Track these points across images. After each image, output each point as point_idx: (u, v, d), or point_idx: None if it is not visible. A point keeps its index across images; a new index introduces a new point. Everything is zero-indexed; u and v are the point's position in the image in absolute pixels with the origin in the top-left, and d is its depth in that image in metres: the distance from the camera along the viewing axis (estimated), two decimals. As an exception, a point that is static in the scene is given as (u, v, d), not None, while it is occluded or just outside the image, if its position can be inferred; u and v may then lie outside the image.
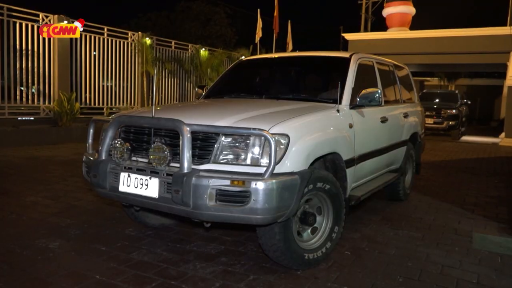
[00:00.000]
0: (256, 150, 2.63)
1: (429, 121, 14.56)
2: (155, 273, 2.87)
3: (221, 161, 2.66)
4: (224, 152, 2.67)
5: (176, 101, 14.74)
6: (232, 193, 2.52)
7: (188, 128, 2.64)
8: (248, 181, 2.50)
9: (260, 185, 2.48)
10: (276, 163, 2.56)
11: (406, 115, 4.98)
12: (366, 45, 16.32)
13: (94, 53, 12.34)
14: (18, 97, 10.47)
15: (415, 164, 5.58)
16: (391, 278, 2.96)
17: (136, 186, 2.83)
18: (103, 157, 3.02)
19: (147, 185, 2.78)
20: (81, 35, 11.78)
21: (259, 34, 16.90)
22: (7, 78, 10.11)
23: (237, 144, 2.67)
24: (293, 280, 2.85)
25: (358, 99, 3.59)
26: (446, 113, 14.76)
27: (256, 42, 17.00)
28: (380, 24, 19.26)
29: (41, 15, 10.73)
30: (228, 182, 2.52)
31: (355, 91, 3.67)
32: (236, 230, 3.82)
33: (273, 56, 4.91)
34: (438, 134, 15.60)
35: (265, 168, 2.54)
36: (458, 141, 14.66)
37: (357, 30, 20.90)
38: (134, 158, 2.98)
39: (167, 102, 14.51)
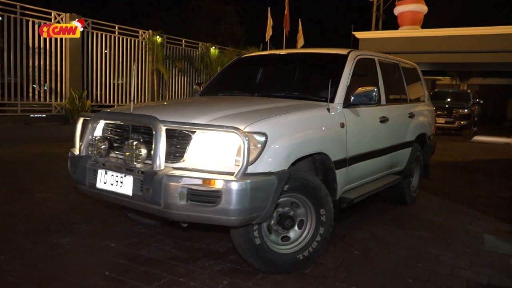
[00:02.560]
0: (230, 148, 2.54)
1: (441, 120, 14.42)
2: (164, 270, 2.89)
3: (196, 160, 2.60)
4: (198, 150, 2.60)
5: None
6: (203, 193, 2.44)
7: (161, 125, 2.59)
8: (219, 180, 2.41)
9: (231, 185, 2.39)
10: (252, 162, 2.50)
11: (411, 115, 4.81)
12: (377, 43, 16.19)
13: (105, 51, 12.44)
14: (30, 95, 10.60)
15: (424, 166, 5.36)
16: (400, 278, 2.94)
17: (112, 183, 2.78)
18: (83, 154, 3.00)
19: (122, 182, 2.73)
20: (92, 33, 11.89)
21: (269, 32, 16.86)
22: (19, 76, 10.23)
23: (211, 142, 2.59)
24: (301, 279, 2.84)
25: (352, 98, 3.45)
26: (457, 112, 14.60)
27: (266, 40, 16.98)
28: (391, 23, 19.10)
29: (53, 13, 10.84)
30: (200, 181, 2.45)
31: (352, 90, 3.51)
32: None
33: (271, 54, 4.82)
34: (449, 134, 15.43)
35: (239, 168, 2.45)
36: (469, 141, 14.50)
37: (368, 28, 20.76)
38: (113, 155, 2.93)
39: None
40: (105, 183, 2.83)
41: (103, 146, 2.88)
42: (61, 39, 11.00)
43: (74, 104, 10.62)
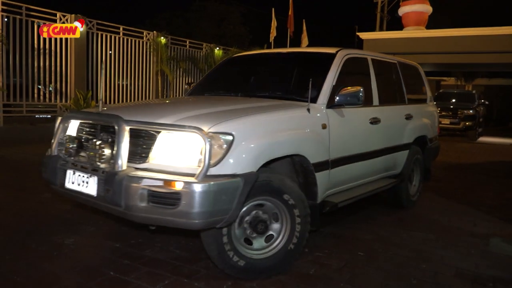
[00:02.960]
0: (194, 149, 2.46)
1: (445, 121, 14.36)
2: (168, 271, 2.89)
3: (160, 160, 2.53)
4: (163, 151, 2.54)
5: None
6: (163, 195, 2.36)
7: (124, 125, 2.55)
8: (179, 182, 2.34)
9: (190, 187, 2.31)
10: (216, 163, 2.43)
11: (409, 117, 4.64)
12: (381, 44, 16.16)
13: (110, 52, 12.49)
14: (35, 95, 10.66)
15: (424, 170, 5.18)
16: (404, 279, 2.93)
17: (79, 183, 2.73)
18: (54, 153, 2.98)
19: (87, 183, 2.68)
20: (97, 34, 11.93)
21: (273, 33, 16.86)
22: (25, 77, 10.29)
23: (175, 143, 2.52)
24: (305, 280, 2.84)
25: (336, 98, 3.33)
26: (462, 113, 14.54)
27: (270, 41, 16.98)
28: (396, 23, 19.05)
29: (58, 14, 10.90)
30: (160, 183, 2.37)
31: (338, 90, 3.38)
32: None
33: (259, 53, 4.71)
34: (454, 135, 15.37)
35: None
36: (475, 142, 14.43)
37: (372, 29, 20.71)
38: (83, 155, 2.86)
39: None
40: (73, 183, 2.78)
41: (71, 146, 2.84)
42: (66, 40, 11.05)
43: (79, 104, 10.66)
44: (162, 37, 13.54)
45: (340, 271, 3.02)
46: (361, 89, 3.28)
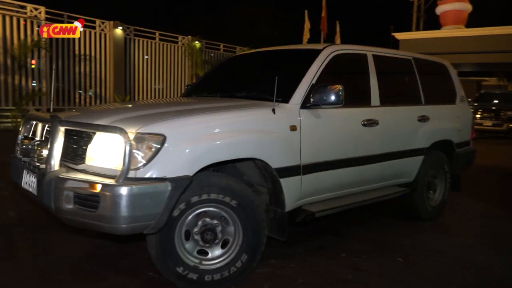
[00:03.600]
0: (119, 151, 2.34)
1: (487, 123, 13.84)
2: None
3: (94, 161, 2.48)
4: (96, 152, 2.48)
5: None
6: (86, 197, 2.29)
7: (59, 125, 2.54)
8: (99, 184, 2.26)
9: (107, 190, 2.22)
10: (143, 165, 2.31)
11: (423, 119, 4.15)
12: (418, 44, 15.78)
13: (146, 57, 12.81)
14: (76, 100, 11.06)
15: (452, 178, 4.63)
16: (446, 287, 2.84)
17: (29, 183, 2.71)
18: (16, 154, 3.01)
19: (33, 182, 2.64)
20: (134, 40, 12.26)
21: (306, 35, 16.80)
22: (67, 83, 10.71)
23: (106, 144, 2.45)
24: (342, 285, 2.80)
25: (311, 98, 3.06)
26: (506, 114, 13.95)
27: (303, 43, 16.93)
28: (433, 23, 18.55)
29: (97, 21, 11.29)
30: (86, 185, 2.30)
31: (314, 89, 3.10)
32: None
33: (251, 52, 4.52)
34: (497, 137, 14.76)
35: (132, 171, 2.29)
36: (518, 144, 13.81)
37: (408, 29, 20.25)
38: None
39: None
40: (26, 183, 2.77)
41: (23, 146, 2.83)
42: (105, 46, 11.42)
43: (117, 108, 10.98)
44: (196, 42, 13.76)
45: (379, 277, 2.96)
46: (341, 88, 2.97)
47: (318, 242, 3.61)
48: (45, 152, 2.60)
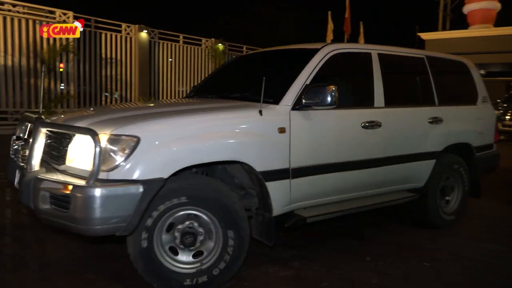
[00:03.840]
0: (93, 152, 2.33)
1: (517, 125, 13.42)
2: (229, 274, 2.93)
3: (73, 163, 2.51)
4: (74, 154, 2.51)
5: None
6: (59, 198, 2.31)
7: (40, 126, 2.61)
8: (70, 186, 2.28)
9: (77, 191, 2.24)
10: (114, 167, 2.30)
11: (436, 120, 3.92)
12: (444, 44, 15.46)
13: (170, 59, 12.98)
14: (103, 102, 11.29)
15: (471, 184, 4.36)
16: (475, 294, 2.77)
17: (18, 182, 2.76)
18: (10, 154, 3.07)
19: (19, 182, 2.69)
20: (158, 43, 12.44)
21: (330, 36, 16.69)
22: (93, 85, 10.95)
23: (82, 145, 2.47)
24: (367, 290, 2.77)
25: (302, 100, 2.96)
26: (536, 116, 13.49)
27: (326, 44, 16.81)
28: (460, 22, 18.14)
29: (123, 25, 11.51)
30: (60, 185, 2.33)
31: (306, 90, 3.01)
32: (309, 234, 3.80)
33: (252, 53, 4.45)
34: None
35: (104, 173, 2.30)
36: (550, 147, 13.33)
37: (434, 29, 19.87)
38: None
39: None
40: (17, 181, 2.81)
41: (15, 147, 2.92)
42: (130, 49, 11.63)
43: (142, 110, 11.16)
44: (219, 44, 13.86)
45: (405, 282, 2.90)
46: (334, 88, 2.84)
47: (341, 245, 3.58)
48: (27, 152, 2.64)
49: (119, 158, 2.32)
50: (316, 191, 3.14)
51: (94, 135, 2.32)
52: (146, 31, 11.97)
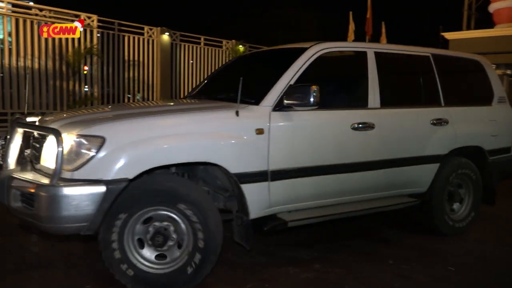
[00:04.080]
0: (56, 152, 2.38)
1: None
2: (250, 275, 2.94)
3: (44, 162, 2.59)
4: (46, 153, 2.59)
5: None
6: (27, 196, 2.39)
7: (16, 126, 2.69)
8: (35, 185, 2.37)
9: (41, 190, 2.31)
10: (79, 167, 2.33)
11: (440, 122, 3.70)
12: (469, 44, 15.11)
13: (192, 61, 13.10)
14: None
15: (484, 190, 4.08)
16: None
17: None
18: None
19: None
20: (180, 45, 12.58)
21: (351, 37, 16.53)
22: (116, 87, 11.15)
23: (49, 145, 2.55)
24: (390, 293, 2.73)
25: (284, 100, 2.87)
26: None
27: (347, 45, 16.67)
28: (485, 21, 17.72)
29: (145, 28, 11.67)
30: (28, 184, 2.42)
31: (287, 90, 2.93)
32: (330, 236, 3.77)
33: (248, 54, 4.43)
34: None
35: (69, 172, 2.34)
36: None
37: (458, 29, 19.47)
38: None
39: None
40: None
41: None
42: (152, 51, 11.78)
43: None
44: (240, 45, 13.91)
45: (429, 286, 2.85)
46: (315, 88, 2.74)
47: (363, 247, 3.54)
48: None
49: (84, 158, 2.35)
50: (300, 194, 3.04)
51: (57, 135, 2.37)
52: (168, 33, 12.10)
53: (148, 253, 2.62)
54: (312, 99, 2.75)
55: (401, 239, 3.77)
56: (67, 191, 2.29)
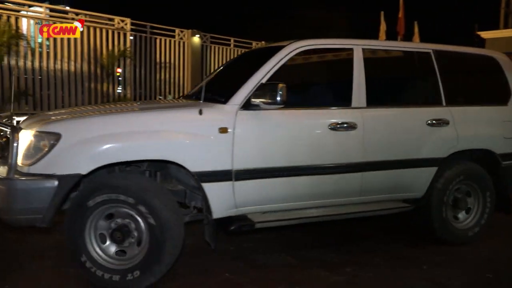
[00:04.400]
0: (11, 147, 2.51)
1: None
2: (280, 277, 2.93)
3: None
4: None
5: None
6: None
7: None
8: None
9: None
10: (34, 162, 2.46)
11: (439, 122, 3.45)
12: (507, 43, 14.59)
13: (221, 64, 13.23)
14: (157, 105, 11.70)
15: (498, 198, 3.74)
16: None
17: None
18: None
19: None
20: (210, 47, 12.72)
21: (382, 37, 16.25)
22: (148, 88, 11.38)
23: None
24: (424, 299, 2.66)
25: (251, 98, 2.83)
26: None
27: (378, 46, 16.41)
28: (525, 19, 17.05)
29: (177, 30, 11.87)
30: None
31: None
32: (361, 239, 3.72)
33: (244, 52, 4.55)
34: None
35: (26, 167, 2.47)
36: None
37: (495, 27, 18.83)
38: None
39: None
40: None
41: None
42: (183, 53, 11.97)
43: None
44: (269, 47, 13.95)
45: (464, 293, 2.77)
46: (282, 87, 2.68)
47: (396, 252, 3.46)
48: None
49: (40, 153, 2.48)
50: (271, 195, 2.96)
51: (13, 131, 2.52)
52: (198, 35, 12.27)
53: (108, 248, 2.69)
54: (278, 98, 2.70)
55: (431, 244, 3.61)
56: (21, 184, 2.45)
